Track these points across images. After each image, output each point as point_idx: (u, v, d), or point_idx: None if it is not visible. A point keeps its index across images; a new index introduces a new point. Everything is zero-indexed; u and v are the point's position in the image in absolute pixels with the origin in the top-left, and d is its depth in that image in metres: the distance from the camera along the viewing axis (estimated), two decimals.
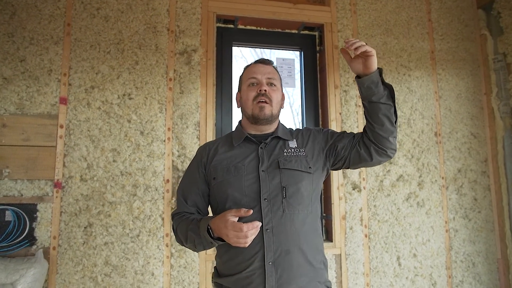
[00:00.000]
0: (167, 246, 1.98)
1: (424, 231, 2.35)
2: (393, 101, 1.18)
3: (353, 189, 2.28)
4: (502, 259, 2.44)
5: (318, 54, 2.49)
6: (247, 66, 1.35)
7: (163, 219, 2.00)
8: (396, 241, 2.30)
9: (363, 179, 2.29)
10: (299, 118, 2.58)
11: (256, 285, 1.10)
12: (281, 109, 1.34)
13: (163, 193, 2.02)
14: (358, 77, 1.20)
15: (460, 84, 2.57)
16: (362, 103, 1.23)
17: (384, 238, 2.28)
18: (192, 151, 2.07)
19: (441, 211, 2.40)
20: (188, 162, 2.06)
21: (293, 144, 1.26)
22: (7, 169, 1.85)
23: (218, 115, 2.25)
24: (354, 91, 2.36)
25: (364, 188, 2.29)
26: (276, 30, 2.46)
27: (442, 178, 2.43)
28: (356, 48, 1.11)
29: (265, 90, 1.24)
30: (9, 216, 1.83)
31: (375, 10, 2.49)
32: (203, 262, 2.02)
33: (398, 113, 2.41)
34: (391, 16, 2.51)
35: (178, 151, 2.07)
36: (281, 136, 1.27)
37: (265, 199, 1.14)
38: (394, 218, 2.31)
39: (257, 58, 1.37)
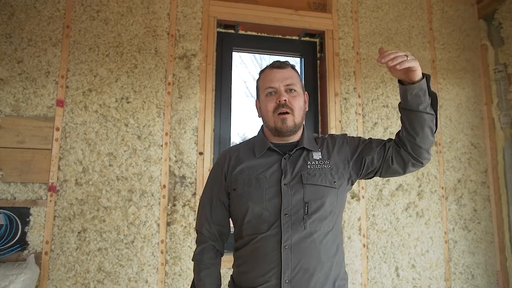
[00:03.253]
0: (162, 252, 1.95)
1: (423, 241, 2.32)
2: (436, 110, 1.09)
3: (352, 198, 2.25)
4: (502, 271, 2.40)
5: (318, 61, 2.48)
6: (262, 71, 1.25)
7: (158, 225, 1.96)
8: (394, 251, 2.27)
9: (362, 187, 2.27)
10: None
11: None
12: (305, 111, 1.24)
13: (159, 198, 1.99)
14: (401, 82, 1.07)
15: (461, 94, 2.56)
16: (403, 112, 1.10)
17: (382, 248, 2.25)
18: (189, 156, 2.05)
19: (440, 222, 2.38)
20: (185, 168, 2.03)
21: (317, 155, 1.18)
22: (0, 172, 1.82)
23: (217, 121, 2.23)
24: (354, 99, 2.35)
25: (363, 197, 2.26)
26: (277, 36, 2.45)
27: (442, 188, 2.41)
28: (396, 64, 0.98)
29: (284, 100, 1.14)
30: (1, 219, 1.80)
31: (376, 18, 2.49)
32: None
33: (399, 122, 2.39)
34: (393, 24, 2.51)
35: (175, 156, 2.04)
36: (306, 146, 1.19)
37: (285, 214, 1.08)
38: (393, 228, 2.29)
39: (259, 64, 1.32)
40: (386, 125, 2.37)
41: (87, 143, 1.94)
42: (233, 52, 2.36)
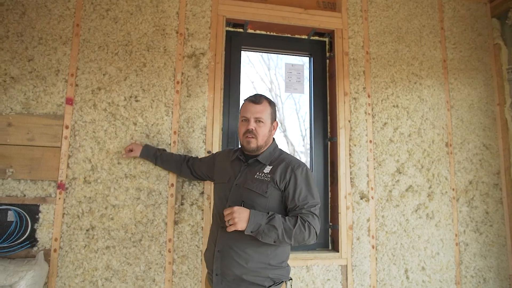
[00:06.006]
0: (169, 251, 1.94)
1: (433, 243, 2.28)
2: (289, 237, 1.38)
3: (361, 199, 2.22)
4: None
5: (327, 61, 2.46)
6: (244, 101, 1.61)
7: (166, 224, 1.96)
8: (404, 253, 2.23)
9: (372, 188, 2.24)
10: (305, 125, 2.55)
11: (209, 263, 1.55)
12: (272, 136, 1.61)
13: (167, 197, 1.98)
14: None
15: (473, 94, 2.52)
16: None
17: (392, 250, 2.22)
18: (198, 155, 2.04)
19: (451, 224, 2.34)
20: None
21: (267, 169, 1.51)
22: (10, 169, 1.83)
23: (225, 120, 2.22)
24: (364, 99, 2.32)
25: (372, 197, 2.23)
26: (286, 35, 2.43)
27: (453, 189, 2.37)
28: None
29: (252, 129, 1.51)
30: (11, 216, 1.81)
31: (386, 17, 2.46)
32: (205, 269, 1.97)
33: (409, 122, 2.37)
34: (403, 23, 2.48)
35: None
36: (260, 160, 1.55)
37: (228, 205, 1.46)
38: (403, 229, 2.25)
39: (266, 64, 1.44)
40: (396, 125, 2.34)
41: (96, 141, 1.95)
42: (242, 51, 2.35)
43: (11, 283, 1.54)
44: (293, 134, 2.72)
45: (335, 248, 2.22)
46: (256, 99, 1.56)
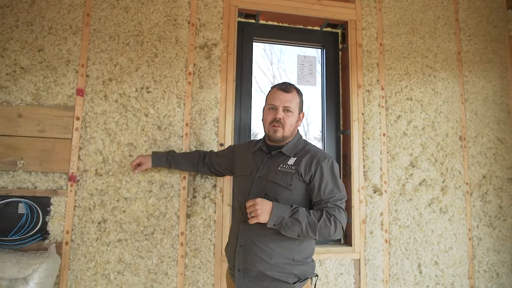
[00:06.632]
0: (181, 245, 1.92)
1: (446, 238, 2.26)
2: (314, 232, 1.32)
3: (374, 192, 2.19)
4: None
5: (340, 52, 2.42)
6: (272, 88, 1.53)
7: (178, 217, 1.94)
8: (417, 247, 2.21)
9: (385, 182, 2.21)
10: (308, 120, 2.48)
11: (231, 258, 1.49)
12: (297, 127, 1.54)
13: (179, 190, 1.96)
14: None
15: (487, 87, 2.48)
16: None
17: (405, 244, 2.20)
18: (210, 147, 2.01)
19: (464, 218, 2.31)
20: None
21: (291, 161, 1.45)
22: (21, 161, 1.80)
23: (237, 112, 2.19)
24: (378, 91, 2.28)
25: (386, 191, 2.20)
26: (298, 26, 2.39)
27: (466, 184, 2.34)
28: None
29: (279, 118, 1.45)
30: (22, 208, 1.79)
31: (401, 8, 2.41)
32: (218, 263, 1.95)
33: (422, 115, 2.33)
34: (417, 14, 2.43)
35: (195, 147, 2.00)
36: (284, 152, 1.48)
37: (251, 198, 1.40)
38: (416, 223, 2.23)
39: (269, 59, 1.42)
40: (410, 118, 2.30)
41: (107, 133, 1.92)
42: (253, 43, 2.31)
43: (25, 275, 1.52)
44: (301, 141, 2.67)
45: (348, 242, 2.20)
46: (286, 87, 1.48)
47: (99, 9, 1.99)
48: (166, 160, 1.81)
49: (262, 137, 1.62)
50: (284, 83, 1.51)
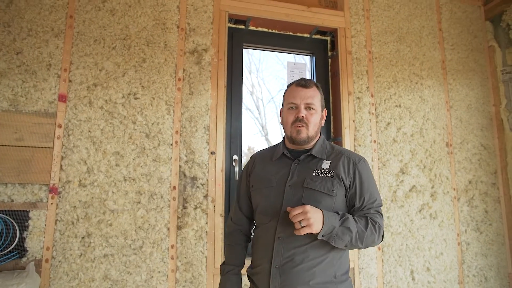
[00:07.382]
0: (172, 258, 1.82)
1: (437, 244, 2.28)
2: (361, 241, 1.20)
3: None
4: None
5: (330, 60, 2.42)
6: (290, 86, 1.38)
7: (168, 229, 1.84)
8: (409, 254, 2.21)
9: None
10: None
11: (263, 283, 1.25)
12: (321, 126, 1.37)
13: (169, 201, 1.87)
14: None
15: (470, 95, 2.55)
16: None
17: (397, 251, 2.19)
18: (201, 156, 1.94)
19: (453, 223, 2.34)
20: (197, 168, 1.93)
21: (326, 164, 1.30)
22: None
23: (228, 119, 2.13)
24: (367, 98, 2.29)
25: None
26: (288, 33, 2.38)
27: (454, 189, 2.38)
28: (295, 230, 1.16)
29: (302, 116, 1.29)
30: None
31: (388, 17, 2.45)
32: (211, 276, 1.86)
33: (411, 122, 2.36)
34: (404, 23, 2.48)
35: (186, 156, 1.93)
36: (315, 154, 1.32)
37: (285, 211, 1.22)
38: (408, 230, 2.23)
39: (255, 66, 1.34)
40: (399, 125, 2.32)
41: (91, 141, 1.81)
42: (243, 49, 2.27)
43: None
44: (275, 137, 2.74)
45: None
46: (306, 82, 1.33)
47: (83, 11, 1.89)
48: (237, 279, 1.40)
49: (279, 143, 1.44)
50: (303, 79, 1.36)
